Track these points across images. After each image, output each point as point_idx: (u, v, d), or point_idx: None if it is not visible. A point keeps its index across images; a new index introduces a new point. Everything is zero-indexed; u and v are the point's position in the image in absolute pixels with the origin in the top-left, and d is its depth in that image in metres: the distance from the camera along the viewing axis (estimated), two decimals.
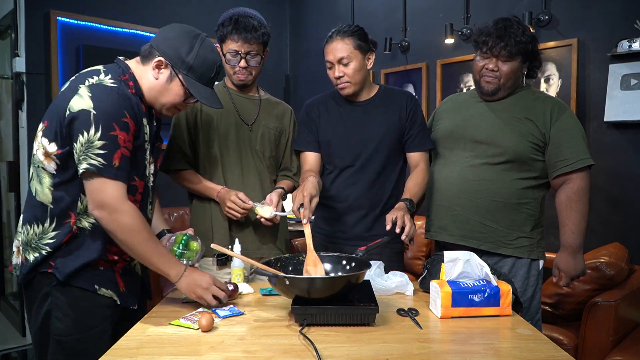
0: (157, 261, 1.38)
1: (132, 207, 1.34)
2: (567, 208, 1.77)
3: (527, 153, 1.77)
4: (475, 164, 1.82)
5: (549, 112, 1.78)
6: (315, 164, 1.95)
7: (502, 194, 1.79)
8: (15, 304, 3.79)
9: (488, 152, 1.80)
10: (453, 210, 1.85)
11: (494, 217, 1.80)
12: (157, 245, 1.39)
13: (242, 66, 1.85)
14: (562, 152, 1.76)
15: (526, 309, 1.81)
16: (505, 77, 1.77)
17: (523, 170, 1.79)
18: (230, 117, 1.92)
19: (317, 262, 1.50)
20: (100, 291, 1.40)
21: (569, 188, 1.76)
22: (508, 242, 1.80)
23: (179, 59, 1.41)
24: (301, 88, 4.75)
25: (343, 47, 1.84)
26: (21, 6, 3.32)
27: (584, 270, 1.82)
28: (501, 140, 1.78)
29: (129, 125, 1.33)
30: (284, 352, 1.16)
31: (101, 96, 1.31)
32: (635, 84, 2.63)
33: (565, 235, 1.79)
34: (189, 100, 1.47)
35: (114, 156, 1.29)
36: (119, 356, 1.14)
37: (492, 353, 1.16)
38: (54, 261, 1.37)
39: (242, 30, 1.80)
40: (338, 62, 1.85)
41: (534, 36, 1.80)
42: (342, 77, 1.85)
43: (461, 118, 1.90)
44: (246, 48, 1.82)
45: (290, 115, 2.07)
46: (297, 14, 4.80)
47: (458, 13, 3.48)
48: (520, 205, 1.80)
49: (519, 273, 1.81)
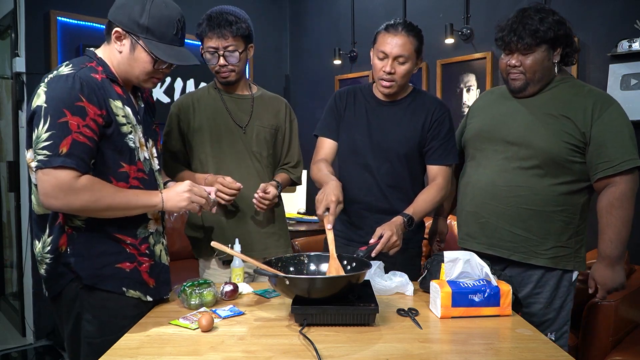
0: (135, 202, 1.35)
1: (86, 181, 1.27)
2: (607, 214, 1.60)
3: (562, 155, 1.60)
4: (507, 168, 1.68)
5: (591, 107, 1.59)
6: (330, 152, 1.90)
7: (535, 202, 1.64)
8: (15, 304, 3.79)
9: (519, 154, 1.66)
10: (481, 218, 1.72)
11: (526, 226, 1.66)
12: (124, 191, 1.35)
13: (221, 64, 1.83)
14: (604, 152, 1.57)
15: (552, 319, 1.69)
16: (531, 70, 1.63)
17: (559, 174, 1.63)
18: (224, 122, 1.91)
19: (340, 270, 1.47)
20: (129, 293, 1.39)
21: (611, 192, 1.59)
22: (541, 251, 1.65)
23: (134, 24, 1.35)
24: (301, 88, 4.75)
25: (406, 45, 1.72)
26: (21, 6, 3.32)
27: (622, 283, 1.64)
28: (533, 141, 1.63)
29: (85, 109, 1.26)
30: (284, 352, 1.16)
31: (55, 87, 1.27)
32: (635, 84, 2.64)
33: (603, 245, 1.62)
34: (160, 66, 1.41)
35: (60, 144, 1.23)
36: (119, 356, 1.14)
37: (492, 353, 1.16)
38: (73, 266, 1.35)
39: (216, 26, 1.77)
40: (395, 57, 1.73)
41: (559, 20, 1.61)
42: (391, 75, 1.75)
43: (492, 116, 1.77)
44: (222, 44, 1.79)
45: (285, 109, 2.03)
46: (297, 14, 4.80)
47: (458, 13, 3.48)
48: (556, 213, 1.64)
49: (548, 283, 1.68)
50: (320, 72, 4.50)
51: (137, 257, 1.42)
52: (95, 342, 1.36)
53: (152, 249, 1.46)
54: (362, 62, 4.16)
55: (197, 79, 4.07)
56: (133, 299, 1.40)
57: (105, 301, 1.37)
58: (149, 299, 1.44)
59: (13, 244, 3.82)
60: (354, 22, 4.17)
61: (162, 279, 1.48)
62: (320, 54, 4.47)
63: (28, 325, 3.50)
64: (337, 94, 1.96)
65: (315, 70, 4.56)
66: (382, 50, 1.74)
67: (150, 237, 1.46)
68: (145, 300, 1.43)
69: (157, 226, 1.49)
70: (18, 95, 3.37)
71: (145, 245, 1.43)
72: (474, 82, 3.43)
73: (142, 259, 1.42)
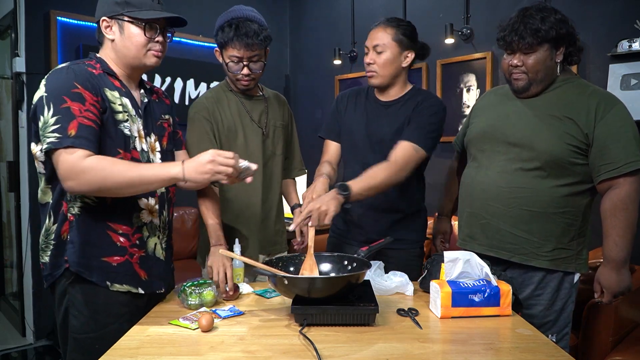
0: (151, 175, 1.33)
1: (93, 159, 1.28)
2: (611, 217, 1.57)
3: (564, 157, 1.59)
4: (509, 169, 1.66)
5: (594, 108, 1.57)
6: (335, 154, 1.94)
7: (537, 203, 1.62)
8: (15, 304, 3.79)
9: (522, 156, 1.64)
10: (482, 219, 1.71)
11: (528, 227, 1.64)
12: (139, 166, 1.35)
13: (244, 73, 1.81)
14: (607, 154, 1.55)
15: (553, 321, 1.68)
16: (533, 70, 1.61)
17: (561, 176, 1.61)
18: (247, 124, 1.89)
19: (314, 267, 1.49)
20: (114, 287, 1.40)
21: (615, 194, 1.56)
22: (542, 253, 1.64)
23: (113, 5, 1.42)
24: (301, 88, 4.75)
25: (382, 36, 1.81)
26: (21, 6, 3.32)
27: (629, 286, 1.61)
28: (535, 143, 1.61)
29: (82, 95, 1.32)
30: (284, 352, 1.16)
31: (51, 79, 1.35)
32: (635, 84, 2.63)
33: (607, 248, 1.59)
34: (152, 35, 1.44)
35: (68, 127, 1.28)
36: (119, 356, 1.14)
37: (492, 353, 1.16)
38: (67, 256, 1.37)
39: (244, 36, 1.73)
40: (373, 47, 1.81)
41: (561, 19, 1.60)
42: (371, 65, 1.82)
43: (495, 117, 1.74)
44: (248, 54, 1.77)
45: (286, 105, 2.06)
46: (297, 14, 4.80)
47: (458, 13, 3.48)
48: (557, 215, 1.62)
49: (549, 285, 1.66)
50: (320, 72, 4.50)
51: (128, 249, 1.43)
52: (80, 338, 1.38)
53: (145, 240, 1.46)
54: (362, 62, 4.11)
55: (197, 79, 4.07)
56: (120, 294, 1.41)
57: (90, 296, 1.39)
58: (140, 291, 1.44)
59: (13, 244, 3.82)
60: (354, 22, 4.17)
61: (154, 273, 1.49)
62: (320, 54, 4.47)
63: (28, 325, 3.50)
64: (340, 96, 2.00)
65: (315, 70, 4.55)
66: (365, 45, 1.85)
67: (144, 229, 1.46)
68: (137, 292, 1.43)
69: (153, 218, 1.48)
70: (18, 95, 3.37)
71: (137, 235, 1.44)
72: (474, 82, 3.43)
73: (132, 250, 1.43)
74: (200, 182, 1.38)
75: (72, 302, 1.40)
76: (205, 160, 1.33)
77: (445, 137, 3.60)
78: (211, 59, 4.19)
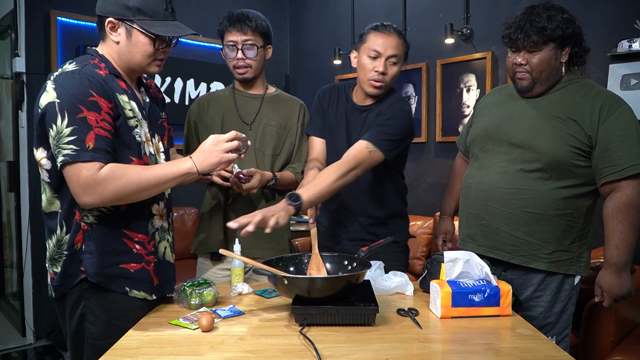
0: (165, 174, 1.32)
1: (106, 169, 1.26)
2: (613, 220, 1.55)
3: (566, 159, 1.56)
4: (510, 170, 1.64)
5: (598, 110, 1.55)
6: (322, 151, 1.91)
7: (538, 205, 1.61)
8: (15, 304, 3.79)
9: (523, 157, 1.62)
10: (482, 220, 1.70)
11: (528, 229, 1.62)
12: (149, 167, 1.34)
13: (238, 57, 1.87)
14: (610, 156, 1.53)
15: (553, 323, 1.66)
16: (537, 69, 1.59)
17: (563, 178, 1.59)
18: (231, 118, 1.94)
19: (321, 266, 1.49)
20: (132, 293, 1.38)
21: (617, 198, 1.54)
22: (542, 255, 1.62)
23: (124, 9, 1.35)
24: (301, 88, 4.75)
25: (399, 46, 1.75)
26: (21, 6, 3.32)
27: (630, 290, 1.58)
28: (537, 144, 1.59)
29: (99, 103, 1.27)
30: (284, 352, 1.16)
31: (63, 83, 1.27)
32: (635, 84, 2.64)
33: (609, 251, 1.57)
34: (160, 45, 1.40)
35: (86, 139, 1.23)
36: (119, 356, 1.14)
37: (492, 353, 1.16)
38: (82, 266, 1.34)
39: (236, 21, 1.85)
40: (388, 57, 1.74)
41: (568, 19, 1.58)
42: (383, 75, 1.75)
43: (499, 116, 1.72)
44: (242, 38, 1.84)
45: (300, 110, 2.02)
46: (297, 14, 4.80)
47: (458, 13, 3.48)
48: (559, 217, 1.60)
49: (549, 287, 1.65)
50: (320, 72, 4.50)
51: (145, 256, 1.41)
52: (99, 344, 1.35)
53: (157, 246, 1.46)
54: None
55: (197, 79, 4.08)
56: (137, 300, 1.40)
57: (109, 303, 1.37)
58: (154, 297, 1.43)
59: (13, 244, 3.82)
60: (354, 22, 4.17)
61: (165, 277, 1.48)
62: (320, 54, 4.47)
63: (28, 325, 3.50)
64: (321, 92, 1.98)
65: (315, 70, 4.56)
66: (375, 49, 1.73)
67: (156, 234, 1.45)
68: (150, 299, 1.42)
69: (162, 222, 1.48)
70: (18, 95, 3.37)
71: (152, 242, 1.43)
72: (474, 82, 3.43)
73: (148, 258, 1.42)
74: (214, 169, 1.37)
75: (89, 308, 1.36)
76: (208, 146, 1.35)
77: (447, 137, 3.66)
78: (211, 59, 4.23)
